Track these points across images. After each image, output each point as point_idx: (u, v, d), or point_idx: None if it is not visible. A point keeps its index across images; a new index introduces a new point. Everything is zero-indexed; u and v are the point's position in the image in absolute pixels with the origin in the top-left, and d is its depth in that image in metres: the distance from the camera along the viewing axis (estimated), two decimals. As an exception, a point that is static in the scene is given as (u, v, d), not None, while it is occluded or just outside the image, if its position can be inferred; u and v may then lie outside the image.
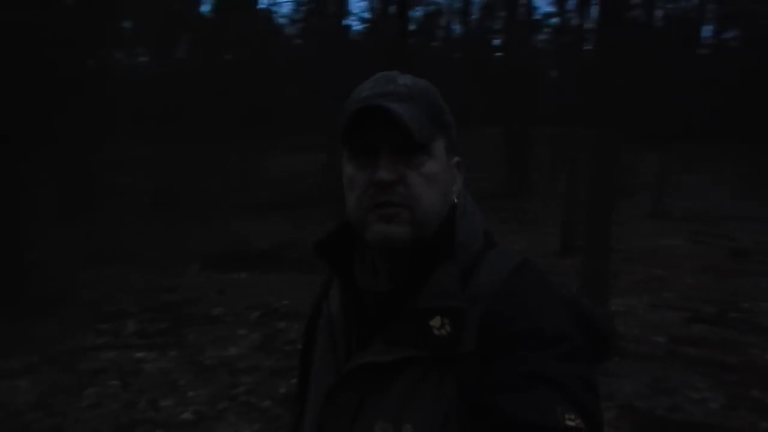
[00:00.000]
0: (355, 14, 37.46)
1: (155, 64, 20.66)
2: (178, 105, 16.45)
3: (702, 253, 10.01)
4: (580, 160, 11.66)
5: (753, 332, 5.77)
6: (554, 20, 30.21)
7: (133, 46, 21.21)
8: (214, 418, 4.07)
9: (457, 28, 29.57)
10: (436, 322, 0.80)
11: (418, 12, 25.98)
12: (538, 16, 30.18)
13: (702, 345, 5.35)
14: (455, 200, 0.92)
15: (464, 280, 0.84)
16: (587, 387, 0.73)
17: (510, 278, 0.84)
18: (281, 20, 36.07)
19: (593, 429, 0.70)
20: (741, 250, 10.06)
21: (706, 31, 28.40)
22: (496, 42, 29.56)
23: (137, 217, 13.51)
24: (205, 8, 25.08)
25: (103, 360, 5.20)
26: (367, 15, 28.12)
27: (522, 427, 0.68)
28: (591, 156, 6.09)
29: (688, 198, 17.14)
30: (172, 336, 5.95)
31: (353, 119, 0.85)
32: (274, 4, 28.49)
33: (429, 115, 0.87)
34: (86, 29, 10.12)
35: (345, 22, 17.69)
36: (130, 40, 21.29)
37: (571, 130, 12.69)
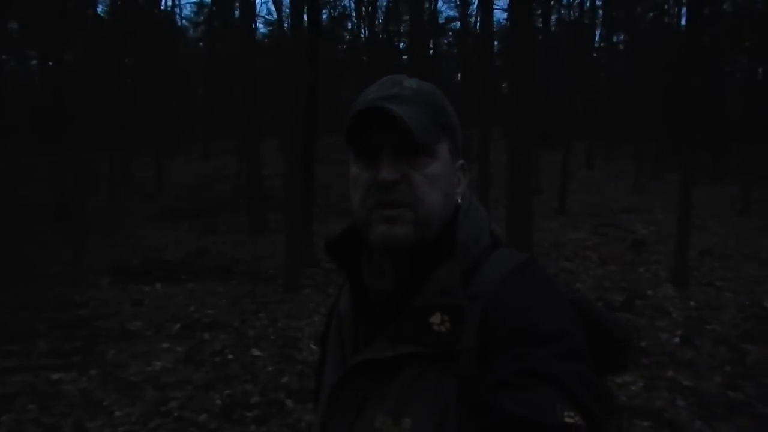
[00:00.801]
0: (262, 17, 36.89)
1: (47, 67, 19.47)
2: (74, 110, 15.54)
3: (605, 245, 10.63)
4: (489, 159, 12.10)
5: (659, 317, 6.21)
6: (456, 24, 31.12)
7: (22, 47, 19.91)
8: (148, 437, 3.91)
9: (364, 31, 29.75)
10: (436, 318, 0.82)
11: (324, 14, 25.94)
12: (441, 20, 31.01)
13: (616, 331, 5.68)
14: (459, 201, 0.93)
15: (466, 279, 0.85)
16: (586, 385, 0.74)
17: (511, 276, 0.85)
18: (184, 23, 34.99)
19: (592, 426, 0.72)
20: (638, 240, 10.75)
21: (597, 35, 30.06)
22: (401, 45, 30.10)
23: (38, 230, 12.71)
24: (101, 9, 23.82)
25: (16, 383, 4.83)
26: (274, 17, 27.78)
27: (521, 424, 0.70)
28: (508, 156, 6.33)
29: (589, 193, 18.14)
30: (89, 353, 5.63)
31: (357, 121, 0.86)
32: (176, 5, 27.55)
33: (433, 117, 0.88)
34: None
35: (252, 25, 17.36)
36: (19, 42, 19.97)
37: (478, 131, 13.12)
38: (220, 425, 4.06)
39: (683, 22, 22.31)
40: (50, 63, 18.72)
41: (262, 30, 33.52)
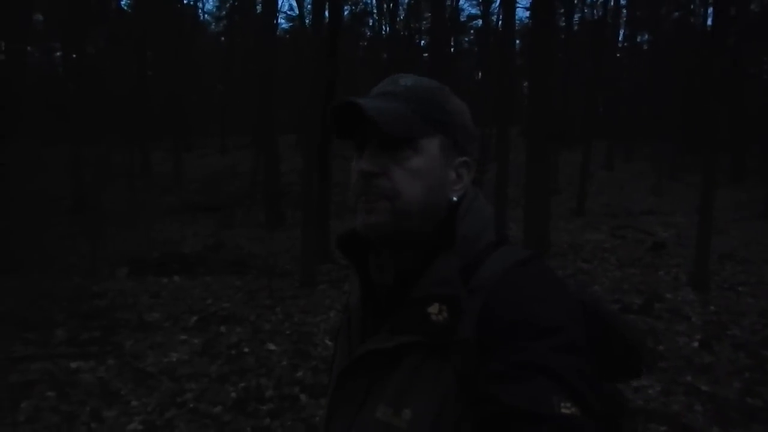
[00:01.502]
0: (284, 12, 37.04)
1: (70, 59, 19.65)
2: (93, 103, 15.67)
3: (624, 247, 10.51)
4: (507, 158, 12.02)
5: (678, 321, 6.13)
6: (478, 22, 30.98)
7: (45, 39, 20.10)
8: (163, 427, 3.93)
9: (385, 28, 29.70)
10: (434, 308, 0.83)
11: (345, 11, 25.94)
12: (463, 18, 30.89)
13: (633, 334, 5.61)
14: (454, 198, 0.92)
15: (469, 272, 0.86)
16: (583, 378, 0.75)
17: (513, 270, 0.86)
18: (206, 17, 35.20)
19: (589, 417, 0.72)
20: (658, 243, 10.62)
21: (621, 35, 29.76)
22: (422, 42, 30.02)
23: (55, 222, 12.85)
24: (124, 1, 24.01)
25: (35, 371, 4.90)
26: (296, 13, 27.84)
27: (519, 415, 0.71)
28: (527, 157, 6.29)
29: (608, 194, 17.98)
30: (107, 343, 5.69)
31: (334, 116, 0.91)
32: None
33: (422, 113, 0.89)
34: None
35: (274, 20, 17.40)
36: (42, 34, 20.17)
37: (497, 130, 13.04)
38: (234, 418, 4.09)
39: (709, 22, 21.95)
40: (74, 55, 18.87)
41: (283, 25, 33.65)
